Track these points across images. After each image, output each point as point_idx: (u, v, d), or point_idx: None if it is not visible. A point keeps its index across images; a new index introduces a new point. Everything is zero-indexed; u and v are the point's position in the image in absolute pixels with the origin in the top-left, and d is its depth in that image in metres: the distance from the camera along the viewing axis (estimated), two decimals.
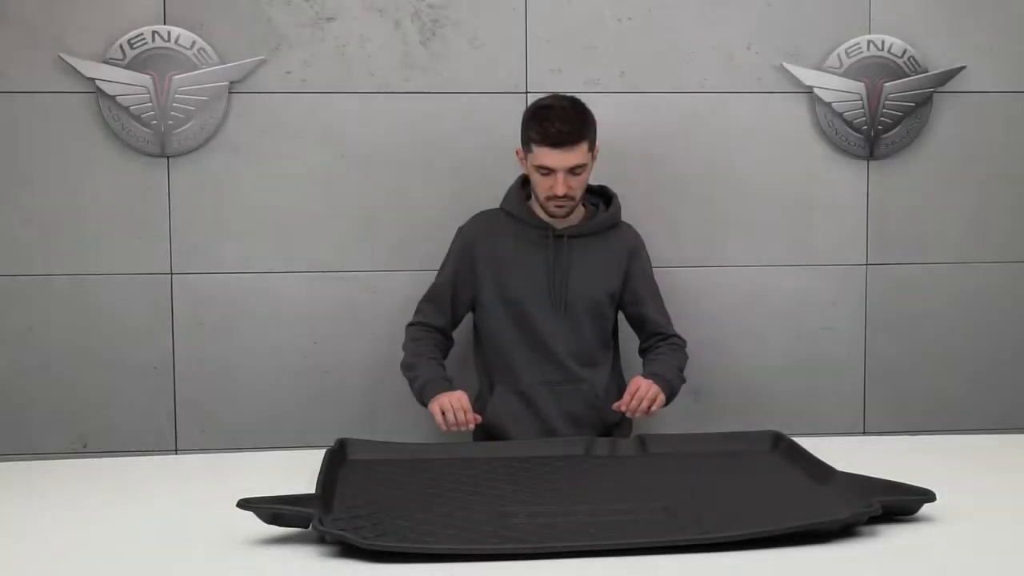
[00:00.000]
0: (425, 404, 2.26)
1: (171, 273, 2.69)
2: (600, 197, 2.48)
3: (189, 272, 2.70)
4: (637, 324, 2.49)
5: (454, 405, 2.17)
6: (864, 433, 2.88)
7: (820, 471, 1.83)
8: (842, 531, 1.56)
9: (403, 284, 2.72)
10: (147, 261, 2.68)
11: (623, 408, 2.25)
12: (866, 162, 2.82)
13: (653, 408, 2.25)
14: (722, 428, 2.55)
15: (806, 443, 2.01)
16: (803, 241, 2.83)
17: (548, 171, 2.24)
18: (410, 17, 2.69)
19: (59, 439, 2.69)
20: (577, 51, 2.73)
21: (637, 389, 2.24)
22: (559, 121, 2.20)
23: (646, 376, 2.31)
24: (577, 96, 2.40)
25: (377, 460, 1.98)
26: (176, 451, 2.72)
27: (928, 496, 1.62)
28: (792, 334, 2.85)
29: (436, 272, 2.49)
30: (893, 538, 1.55)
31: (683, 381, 2.41)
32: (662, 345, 2.42)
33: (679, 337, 2.48)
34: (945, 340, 2.88)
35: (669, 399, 2.32)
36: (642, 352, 2.47)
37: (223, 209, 2.69)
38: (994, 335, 2.89)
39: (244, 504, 1.54)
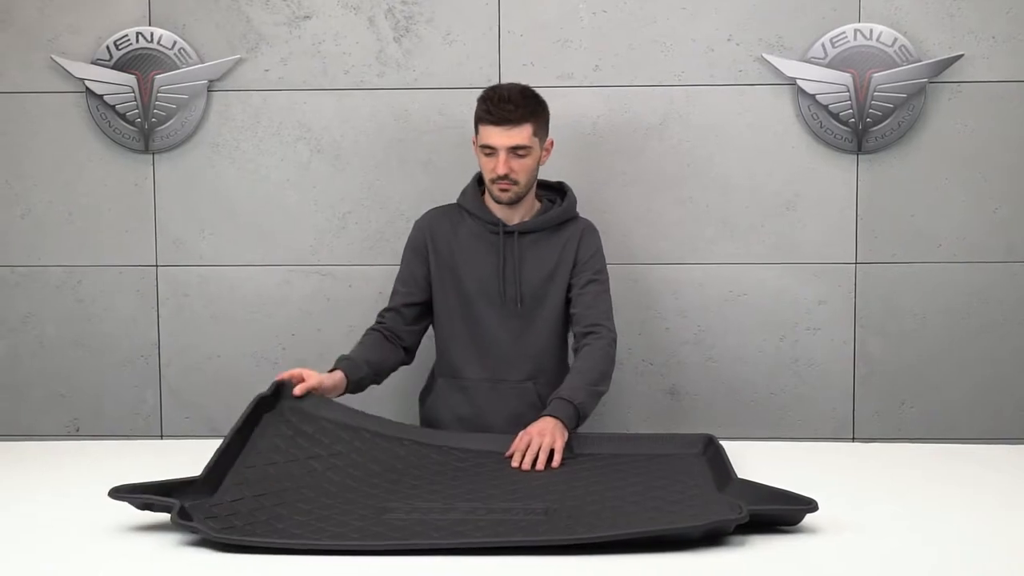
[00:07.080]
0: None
1: (156, 265, 2.80)
2: (557, 193, 2.44)
3: (173, 264, 2.79)
4: (569, 311, 2.35)
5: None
6: (853, 439, 2.76)
7: (723, 477, 1.78)
8: (712, 539, 1.51)
9: (378, 278, 2.75)
10: (134, 253, 2.79)
11: (518, 466, 1.92)
12: (855, 156, 2.70)
13: (555, 461, 1.94)
14: (701, 430, 2.50)
15: (773, 447, 1.94)
16: (788, 238, 2.73)
17: (491, 150, 2.25)
18: (384, 14, 2.72)
19: (54, 422, 2.83)
20: (550, 45, 2.70)
21: (528, 445, 1.95)
22: (503, 101, 2.22)
23: (548, 403, 2.11)
24: (551, 90, 2.37)
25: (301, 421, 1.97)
26: (161, 436, 2.83)
27: (810, 506, 1.56)
28: (776, 335, 2.76)
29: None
30: (758, 547, 1.50)
31: (602, 393, 2.20)
32: (585, 348, 2.25)
33: (608, 329, 2.28)
34: (939, 342, 2.73)
35: (580, 421, 2.11)
36: (573, 347, 2.32)
37: (204, 204, 2.78)
38: (991, 337, 2.72)
39: (115, 494, 1.59)
